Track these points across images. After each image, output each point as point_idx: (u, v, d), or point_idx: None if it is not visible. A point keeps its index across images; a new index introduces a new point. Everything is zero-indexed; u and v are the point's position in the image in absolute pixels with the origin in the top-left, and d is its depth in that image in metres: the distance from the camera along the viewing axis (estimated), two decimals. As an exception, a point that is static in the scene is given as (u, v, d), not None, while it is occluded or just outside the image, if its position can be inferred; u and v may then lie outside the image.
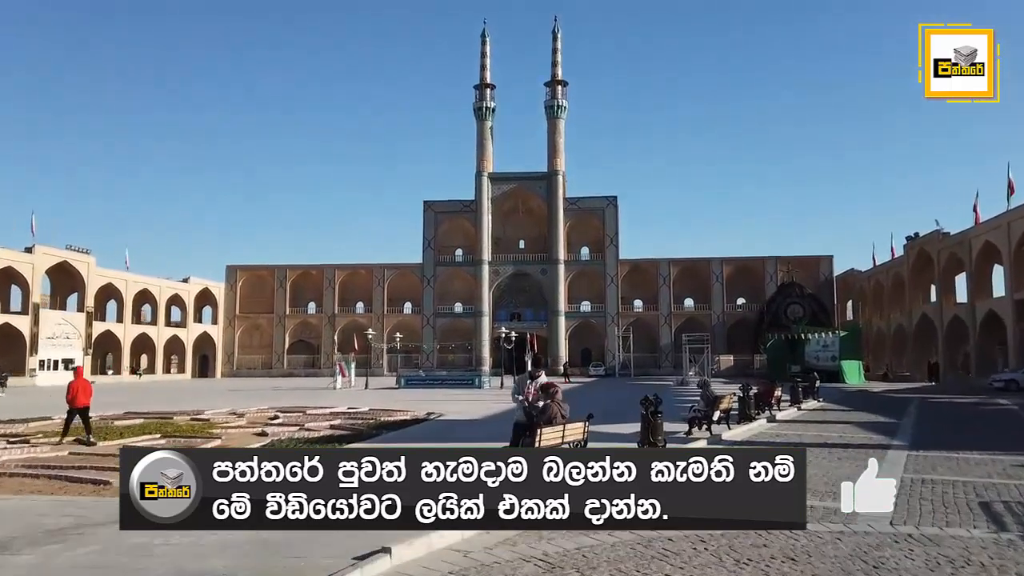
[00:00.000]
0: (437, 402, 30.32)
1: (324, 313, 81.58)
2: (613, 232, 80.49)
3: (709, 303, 79.20)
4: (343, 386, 45.35)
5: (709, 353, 49.38)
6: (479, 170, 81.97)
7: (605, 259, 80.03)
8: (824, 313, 69.98)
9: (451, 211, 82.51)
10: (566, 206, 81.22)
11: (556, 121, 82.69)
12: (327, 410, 24.32)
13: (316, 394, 38.88)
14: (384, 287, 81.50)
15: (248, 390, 44.91)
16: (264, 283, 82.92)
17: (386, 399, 32.76)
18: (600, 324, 79.55)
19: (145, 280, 69.09)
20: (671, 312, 79.11)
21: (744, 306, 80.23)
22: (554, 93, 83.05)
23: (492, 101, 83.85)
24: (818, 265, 77.79)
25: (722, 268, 79.39)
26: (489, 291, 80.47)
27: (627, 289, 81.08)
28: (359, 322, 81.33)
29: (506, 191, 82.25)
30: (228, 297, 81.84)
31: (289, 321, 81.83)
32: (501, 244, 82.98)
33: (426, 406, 26.90)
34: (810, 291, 70.46)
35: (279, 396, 37.12)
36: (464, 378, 44.88)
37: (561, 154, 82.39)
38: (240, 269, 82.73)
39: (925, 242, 55.43)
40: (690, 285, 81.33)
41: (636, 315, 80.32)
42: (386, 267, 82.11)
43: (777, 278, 77.42)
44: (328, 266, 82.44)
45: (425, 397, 34.49)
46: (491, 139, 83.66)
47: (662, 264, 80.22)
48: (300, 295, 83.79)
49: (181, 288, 74.68)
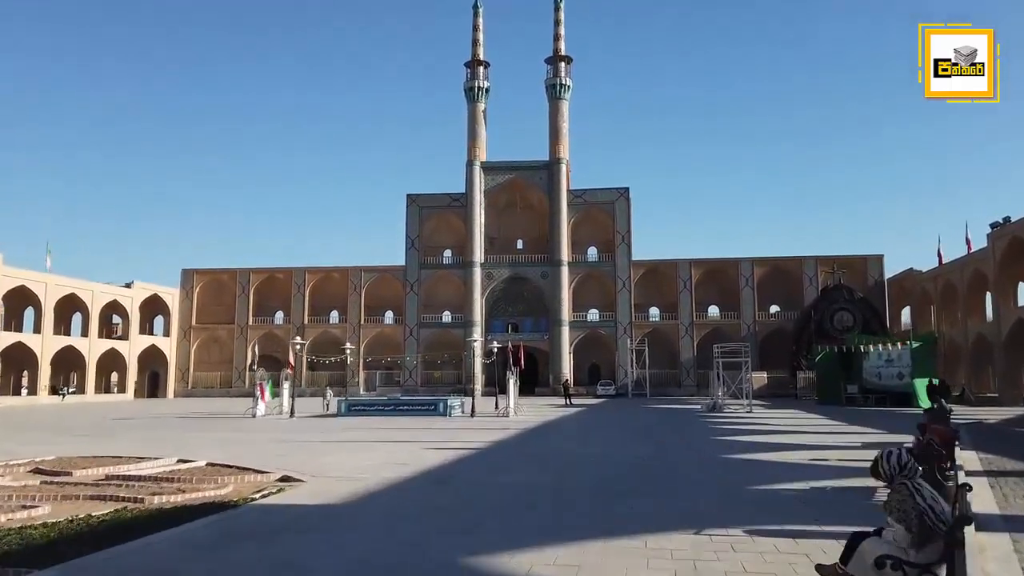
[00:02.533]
0: (346, 445, 19.54)
1: (292, 323, 70.92)
2: (625, 229, 69.54)
3: (738, 310, 67.90)
4: (266, 412, 34.53)
5: (748, 369, 38.17)
6: (470, 159, 71.37)
7: (615, 260, 69.04)
8: (878, 321, 58.76)
9: (438, 206, 71.85)
10: (570, 199, 70.42)
11: (558, 102, 72.08)
12: (103, 472, 13.55)
13: (206, 426, 28.11)
14: (361, 293, 70.82)
15: (140, 418, 34.20)
16: (224, 289, 72.49)
17: (275, 439, 21.88)
18: (610, 335, 68.44)
19: (71, 283, 58.67)
20: (693, 322, 67.88)
21: (779, 314, 68.84)
22: (556, 71, 72.50)
23: (485, 81, 73.40)
24: (865, 266, 66.41)
25: (752, 270, 68.14)
26: (482, 298, 69.60)
27: (641, 295, 69.99)
28: (332, 333, 70.75)
29: (501, 183, 71.55)
30: (184, 305, 71.45)
31: (252, 332, 71.25)
32: (496, 243, 72.23)
33: (310, 457, 16.18)
34: (861, 295, 59.26)
35: (156, 428, 26.42)
36: (427, 403, 33.87)
37: (564, 140, 71.70)
38: (197, 273, 72.36)
39: (1021, 228, 43.92)
40: (715, 290, 70.10)
41: (652, 325, 69.11)
42: (363, 270, 71.45)
43: (818, 281, 66.23)
44: (297, 269, 71.91)
45: (343, 435, 23.59)
46: (484, 124, 73.13)
47: (682, 266, 69.08)
48: (265, 303, 73.28)
49: (122, 294, 64.28)
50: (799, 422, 29.28)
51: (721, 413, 36.35)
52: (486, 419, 32.05)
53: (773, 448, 18.16)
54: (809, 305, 61.99)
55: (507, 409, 33.52)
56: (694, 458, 16.57)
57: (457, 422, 29.99)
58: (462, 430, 25.26)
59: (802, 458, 15.85)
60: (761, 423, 28.72)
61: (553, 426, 28.36)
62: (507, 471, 14.43)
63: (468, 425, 27.90)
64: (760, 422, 29.39)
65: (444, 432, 24.16)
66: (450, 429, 25.68)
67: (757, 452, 17.28)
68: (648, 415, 36.42)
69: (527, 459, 16.59)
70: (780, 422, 29.08)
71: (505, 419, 32.30)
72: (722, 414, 35.71)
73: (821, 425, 27.42)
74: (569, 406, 47.20)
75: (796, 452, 17.14)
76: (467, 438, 21.60)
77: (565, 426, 28.48)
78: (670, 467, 14.94)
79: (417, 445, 19.48)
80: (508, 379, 34.64)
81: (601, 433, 24.76)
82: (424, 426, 27.25)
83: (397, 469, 14.25)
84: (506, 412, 33.40)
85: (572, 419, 33.32)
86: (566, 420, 32.28)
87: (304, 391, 69.05)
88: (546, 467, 14.95)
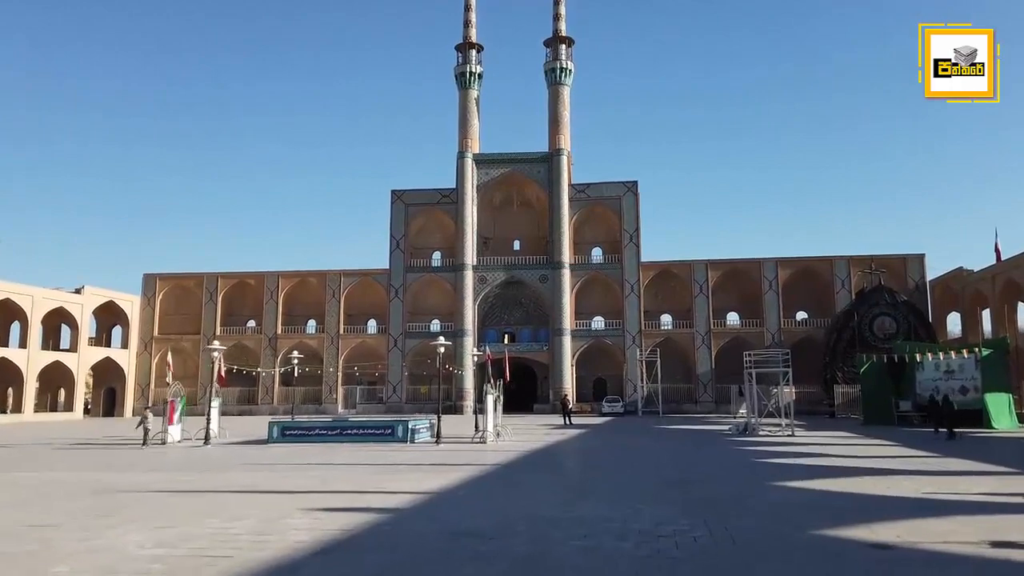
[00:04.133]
0: (188, 500, 12.38)
1: (264, 334, 63.86)
2: (633, 227, 62.34)
3: (761, 317, 60.40)
4: (182, 437, 27.38)
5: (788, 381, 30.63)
6: (461, 150, 64.44)
7: (623, 262, 61.79)
8: (925, 327, 51.26)
9: (426, 202, 64.85)
10: (572, 195, 63.33)
11: (558, 88, 65.17)
12: None
13: (50, 461, 21.04)
14: (340, 300, 63.72)
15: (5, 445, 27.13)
16: (189, 296, 65.54)
17: (95, 486, 14.68)
18: (617, 346, 61.07)
19: (6, 287, 51.79)
20: (710, 330, 60.45)
21: (807, 321, 61.33)
22: (556, 53, 65.65)
23: (478, 65, 66.62)
24: (904, 267, 58.89)
25: (777, 271, 60.71)
26: (474, 304, 62.41)
27: (652, 300, 62.67)
28: (308, 344, 63.71)
29: (496, 177, 64.54)
30: (145, 314, 64.51)
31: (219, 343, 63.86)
32: (490, 244, 65.16)
33: (62, 537, 8.98)
34: (904, 298, 51.83)
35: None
36: (381, 427, 26.48)
37: (565, 129, 64.73)
38: (160, 278, 65.42)
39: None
40: (735, 295, 62.69)
41: (664, 334, 61.69)
42: (343, 274, 64.38)
43: (851, 284, 58.85)
44: (270, 274, 64.86)
45: (219, 478, 16.43)
46: (477, 113, 66.28)
47: (697, 267, 61.72)
48: (235, 311, 66.29)
49: (70, 300, 57.37)
50: (872, 451, 21.88)
51: (756, 436, 28.99)
52: (456, 446, 24.83)
53: (903, 509, 10.86)
54: (843, 310, 54.51)
55: (484, 433, 26.28)
56: (775, 536, 9.25)
57: (413, 451, 22.76)
58: (406, 467, 18.04)
59: (973, 536, 8.55)
60: (822, 451, 21.37)
61: (539, 459, 21.07)
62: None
63: (423, 457, 20.68)
64: (819, 450, 22.02)
65: (375, 472, 16.94)
66: (390, 465, 18.44)
67: (885, 517, 9.96)
68: (665, 440, 29.06)
69: (463, 542, 9.35)
70: (845, 451, 21.66)
71: (480, 446, 25.08)
72: (758, 438, 28.33)
73: (908, 457, 19.96)
74: (568, 426, 39.98)
75: (950, 519, 9.83)
76: (400, 484, 14.40)
77: (555, 459, 21.19)
78: (744, 567, 7.66)
79: (301, 500, 12.30)
80: (487, 395, 27.30)
81: (604, 473, 17.45)
82: (360, 459, 20.07)
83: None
84: (483, 436, 26.18)
85: (567, 447, 26.00)
86: (559, 448, 25.01)
87: (276, 409, 62.10)
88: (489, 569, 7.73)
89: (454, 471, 16.65)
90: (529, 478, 16.39)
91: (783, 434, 30.03)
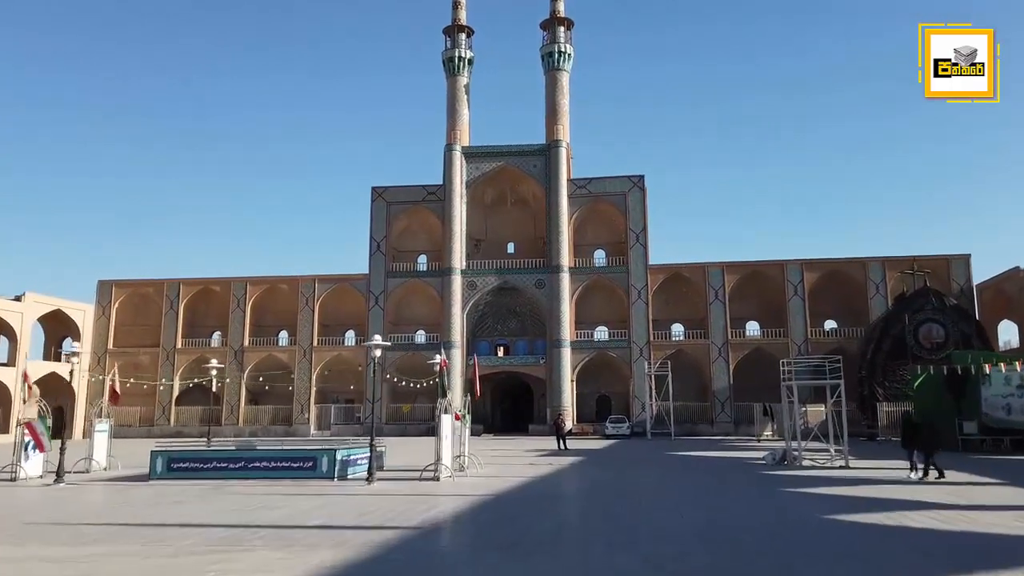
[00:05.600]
0: None
1: (230, 346, 57.41)
2: (640, 226, 55.77)
3: (785, 326, 53.53)
4: (16, 476, 20.73)
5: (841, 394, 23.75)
6: (449, 142, 58.18)
7: (628, 265, 55.16)
8: (980, 335, 44.33)
9: (410, 200, 58.50)
10: (572, 191, 56.88)
11: (557, 74, 58.95)
12: None
13: None
14: (314, 308, 57.26)
15: None
16: (149, 305, 59.27)
17: None
18: (622, 359, 54.30)
19: (-75, 292, 45.62)
20: (727, 341, 53.62)
21: (837, 331, 54.42)
22: (554, 36, 59.49)
23: (468, 50, 60.51)
24: (948, 269, 51.95)
25: (802, 275, 53.92)
26: (462, 312, 55.86)
27: (662, 308, 55.99)
28: (278, 358, 57.31)
29: (487, 172, 58.17)
30: (99, 324, 58.23)
31: (181, 357, 57.72)
32: (481, 246, 58.83)
33: None
34: (954, 301, 45.02)
35: None
36: (298, 458, 19.68)
37: (564, 118, 58.40)
38: (117, 285, 59.15)
39: None
40: (754, 301, 55.89)
41: (675, 345, 54.86)
42: (317, 279, 57.95)
43: (887, 288, 52.04)
44: (237, 280, 58.49)
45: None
46: (467, 102, 60.10)
47: (712, 271, 54.98)
48: (199, 321, 59.95)
49: (8, 309, 51.15)
50: (983, 495, 15.08)
51: (800, 469, 22.21)
52: (394, 485, 18.22)
53: None
54: (882, 317, 47.74)
55: (438, 466, 19.57)
56: None
57: (326, 494, 16.14)
58: (272, 534, 11.37)
59: None
60: (913, 496, 14.51)
61: (500, 512, 14.36)
62: None
63: (323, 510, 14.05)
64: (905, 492, 15.17)
65: (208, 549, 10.26)
66: (254, 529, 11.71)
67: None
68: (683, 474, 22.32)
69: None
70: (946, 495, 14.78)
71: (429, 485, 18.44)
72: (803, 471, 21.54)
73: None
74: (562, 451, 33.34)
75: None
76: (234, 566, 7.84)
77: (523, 512, 14.43)
78: None
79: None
80: (440, 414, 20.55)
81: (593, 548, 10.72)
82: (230, 512, 13.48)
83: None
84: (436, 470, 19.49)
85: (551, 487, 19.30)
86: (538, 489, 18.32)
87: (242, 430, 55.55)
88: None
89: (339, 546, 10.01)
90: (461, 562, 9.77)
91: (833, 464, 23.30)
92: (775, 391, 51.92)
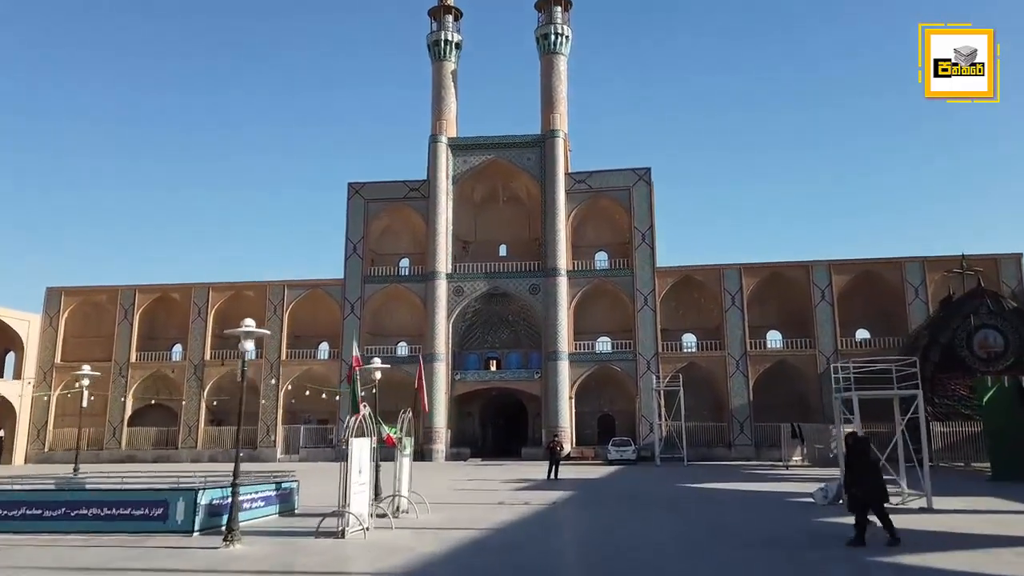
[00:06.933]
0: None
1: (189, 359, 51.50)
2: (646, 225, 49.76)
3: (812, 336, 47.22)
4: None
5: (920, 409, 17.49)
6: (435, 133, 52.47)
7: (634, 268, 49.07)
8: (1046, 342, 37.94)
9: (391, 197, 52.68)
10: (571, 186, 50.99)
11: (553, 58, 53.29)
12: None
13: None
14: (283, 317, 51.35)
15: None
16: (101, 315, 53.51)
17: None
18: (627, 373, 48.05)
19: None
20: (746, 352, 47.34)
21: (870, 341, 48.04)
22: (550, 16, 53.89)
23: (456, 34, 54.96)
24: (997, 269, 45.70)
25: (830, 277, 47.69)
26: (448, 321, 49.83)
27: (671, 316, 49.83)
28: (242, 373, 50.88)
29: (476, 166, 52.36)
30: (46, 337, 52.49)
31: (136, 373, 51.84)
32: (470, 248, 52.91)
33: None
34: (1014, 304, 38.67)
35: None
36: (142, 503, 13.57)
37: (561, 106, 52.64)
38: (66, 293, 53.44)
39: None
40: (775, 307, 49.67)
41: (687, 358, 48.57)
42: (287, 285, 52.08)
43: (927, 292, 45.83)
44: (198, 286, 52.67)
45: None
46: (454, 89, 54.45)
47: (729, 274, 48.82)
48: (158, 332, 54.15)
49: (-66, 317, 45.52)
50: None
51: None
52: (269, 547, 12.08)
53: None
54: (926, 323, 41.35)
55: (342, 517, 13.41)
56: None
57: (147, 569, 10.11)
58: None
59: None
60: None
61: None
62: None
63: None
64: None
65: None
66: None
67: None
68: (704, 523, 16.08)
69: None
70: None
71: (327, 546, 12.33)
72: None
73: None
74: (552, 480, 27.25)
75: None
76: None
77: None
78: None
79: None
80: (347, 438, 14.35)
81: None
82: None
83: None
84: (339, 523, 13.36)
85: (506, 551, 13.11)
86: (488, 553, 12.18)
87: (201, 455, 49.59)
88: None
89: None
90: None
91: (907, 504, 17.16)
92: (801, 409, 45.90)
